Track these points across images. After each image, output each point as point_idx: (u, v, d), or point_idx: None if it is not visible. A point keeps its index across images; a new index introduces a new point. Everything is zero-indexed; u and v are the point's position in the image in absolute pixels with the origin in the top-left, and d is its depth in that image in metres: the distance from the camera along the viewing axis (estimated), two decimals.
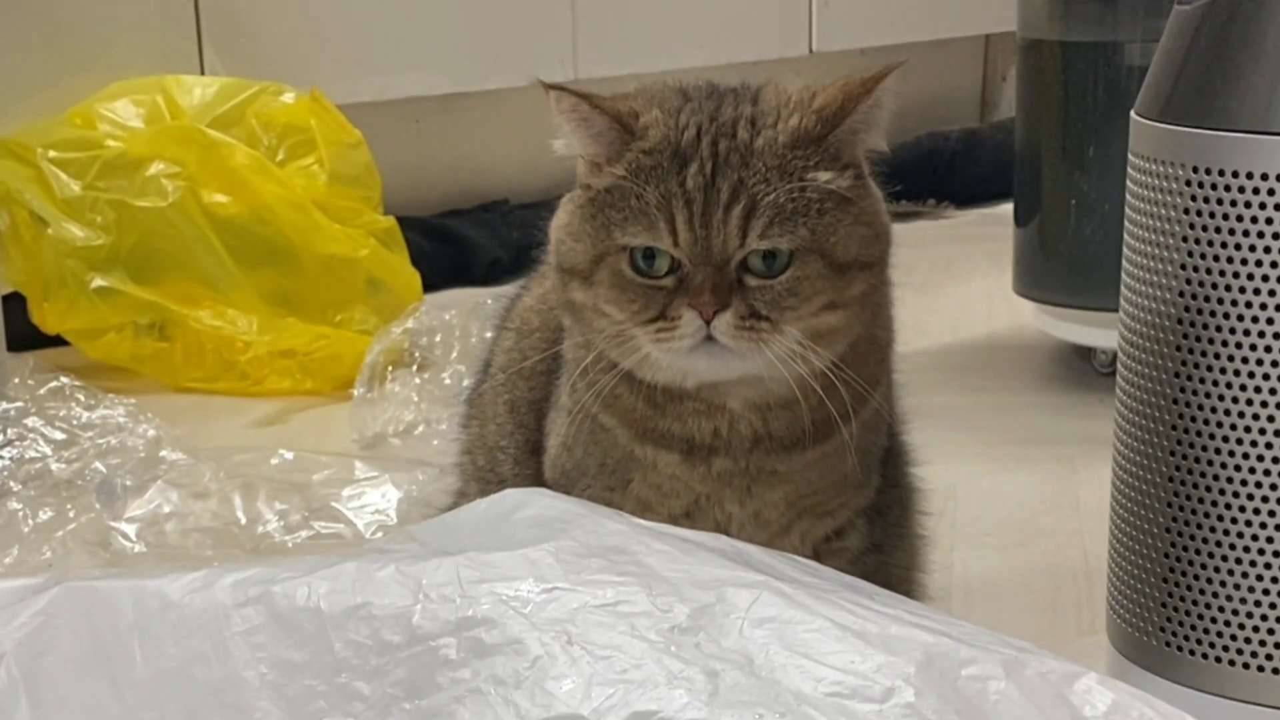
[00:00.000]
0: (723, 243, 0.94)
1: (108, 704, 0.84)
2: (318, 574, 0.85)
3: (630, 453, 1.03)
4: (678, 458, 1.02)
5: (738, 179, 0.94)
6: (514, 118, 2.68)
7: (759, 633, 0.79)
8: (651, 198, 0.94)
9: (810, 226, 0.95)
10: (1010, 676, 0.77)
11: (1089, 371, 1.99)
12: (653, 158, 0.96)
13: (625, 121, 0.97)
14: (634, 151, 0.96)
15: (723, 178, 0.94)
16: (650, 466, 1.03)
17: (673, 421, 1.01)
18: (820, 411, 1.00)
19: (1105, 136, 1.84)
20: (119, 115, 2.10)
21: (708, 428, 1.01)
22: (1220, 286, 1.00)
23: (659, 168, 0.95)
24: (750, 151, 0.95)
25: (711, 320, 0.93)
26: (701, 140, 0.95)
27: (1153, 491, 1.06)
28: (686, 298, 0.94)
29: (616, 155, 0.97)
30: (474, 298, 2.11)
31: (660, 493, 1.03)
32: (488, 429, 1.17)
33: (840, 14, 2.98)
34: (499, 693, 0.78)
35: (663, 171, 0.95)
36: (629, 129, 0.97)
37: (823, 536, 1.06)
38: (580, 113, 0.97)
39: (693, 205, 0.94)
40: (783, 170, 0.95)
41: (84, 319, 2.03)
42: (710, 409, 1.00)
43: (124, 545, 1.49)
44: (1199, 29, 1.02)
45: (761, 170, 0.94)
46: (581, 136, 0.97)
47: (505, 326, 1.20)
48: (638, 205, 0.95)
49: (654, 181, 0.95)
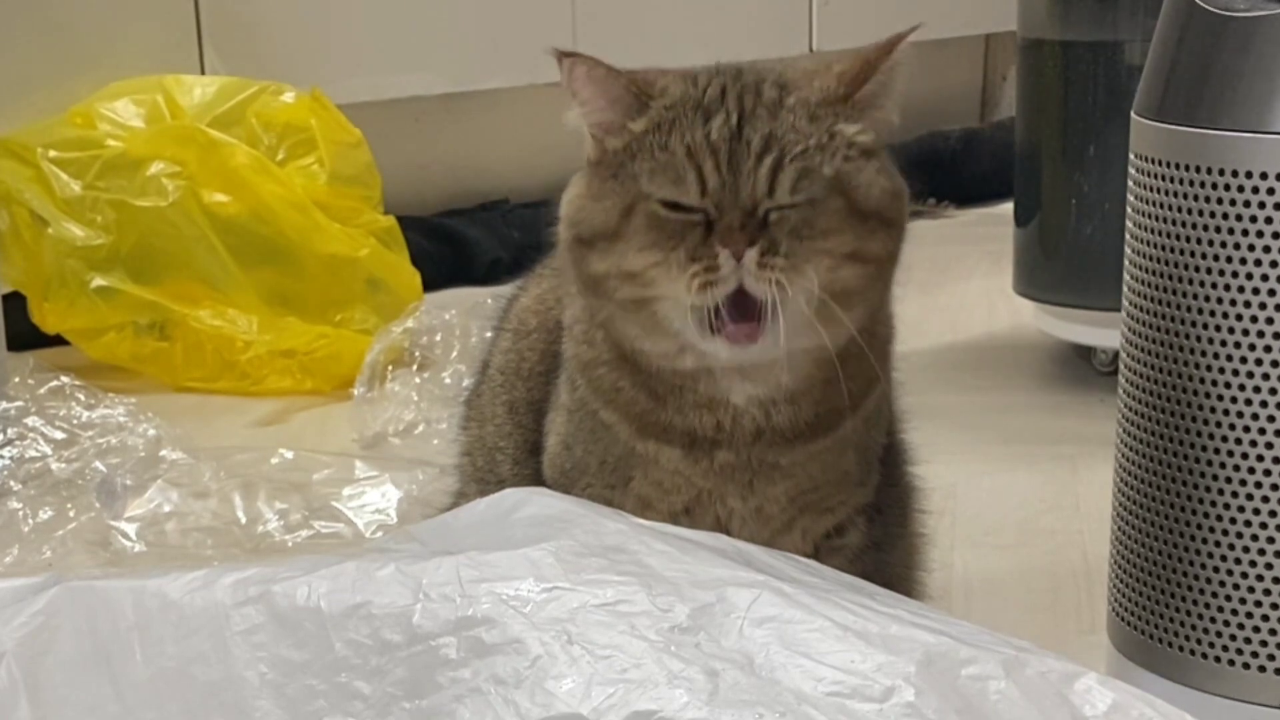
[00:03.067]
0: (751, 190, 0.94)
1: (108, 703, 0.84)
2: (318, 573, 0.85)
3: (631, 449, 1.03)
4: (679, 452, 1.02)
5: (768, 131, 0.95)
6: (514, 118, 2.68)
7: (759, 632, 0.79)
8: (678, 148, 0.95)
9: (834, 168, 0.95)
10: (1010, 676, 0.77)
11: (1089, 371, 1.99)
12: (674, 110, 0.96)
13: (641, 85, 0.97)
14: (655, 108, 0.96)
15: (751, 129, 0.94)
16: (651, 462, 1.03)
17: (674, 415, 1.01)
18: (821, 405, 1.00)
19: (1105, 136, 1.84)
20: (119, 115, 2.10)
21: (710, 421, 1.01)
22: (1221, 286, 1.00)
23: (682, 119, 0.96)
24: (780, 106, 0.96)
25: (742, 258, 0.93)
26: (727, 95, 0.96)
27: (1154, 491, 1.06)
28: (719, 236, 0.94)
29: (633, 116, 0.97)
30: (474, 297, 2.11)
31: (661, 489, 1.03)
32: (486, 430, 1.17)
33: (840, 13, 2.98)
34: (499, 692, 0.78)
35: (687, 123, 0.95)
36: (646, 91, 0.97)
37: (823, 533, 1.06)
38: (596, 76, 0.97)
39: (718, 154, 0.94)
40: (811, 123, 0.96)
41: (84, 319, 2.03)
42: (712, 402, 1.00)
43: (124, 545, 1.49)
44: (1197, 28, 1.02)
45: (790, 122, 0.95)
46: (599, 102, 0.97)
47: (503, 328, 1.20)
48: (664, 157, 0.95)
49: (679, 132, 0.95)
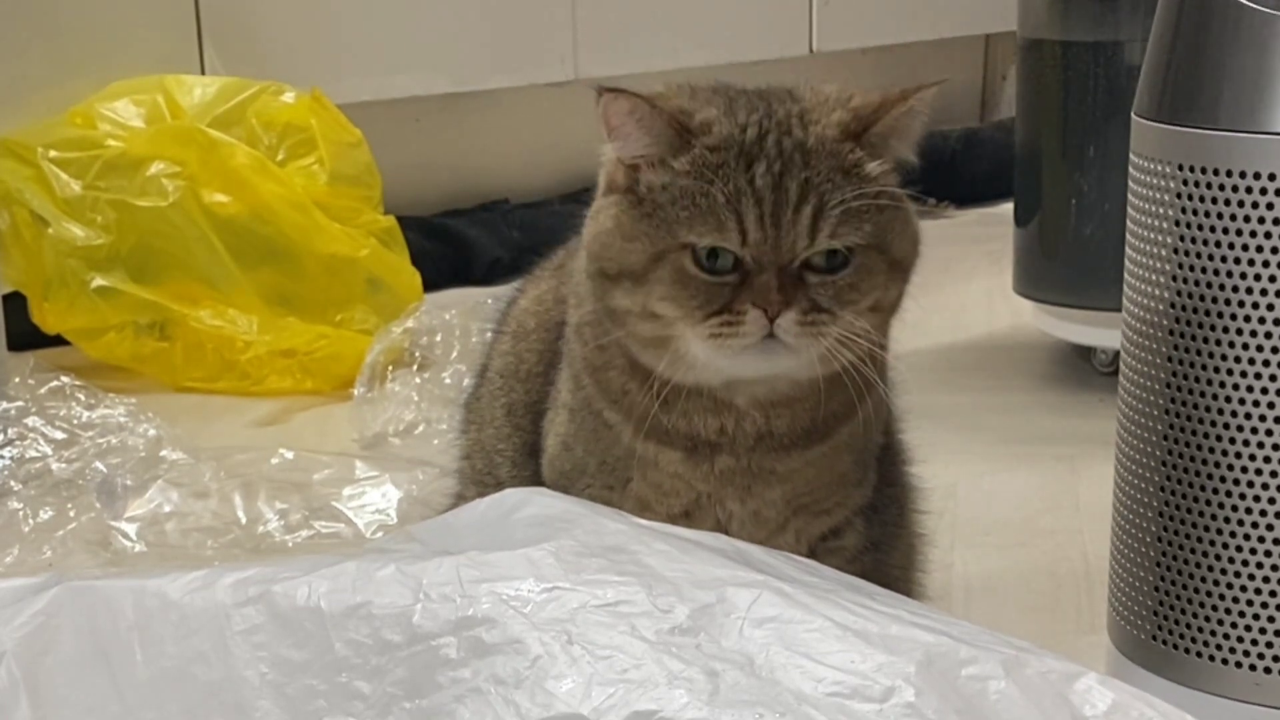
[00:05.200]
0: (792, 242, 0.94)
1: (108, 703, 0.84)
2: (318, 573, 0.85)
3: (632, 450, 1.03)
4: (680, 455, 1.02)
5: (804, 178, 0.94)
6: (514, 118, 2.68)
7: (759, 632, 0.79)
8: (719, 196, 0.94)
9: (873, 222, 0.95)
10: (1010, 676, 0.77)
11: (1089, 371, 1.99)
12: (718, 155, 0.95)
13: (683, 120, 0.96)
14: (698, 148, 0.95)
15: (790, 176, 0.94)
16: (651, 464, 1.02)
17: (678, 418, 1.01)
18: (822, 410, 1.01)
19: (1105, 136, 1.84)
20: (119, 115, 2.10)
21: (714, 425, 1.01)
22: (1220, 286, 1.00)
23: (725, 165, 0.94)
24: (808, 149, 0.95)
25: (776, 319, 0.93)
26: (766, 138, 0.95)
27: (1154, 491, 1.06)
28: (750, 295, 0.93)
29: (674, 153, 0.96)
30: (474, 297, 2.12)
31: (660, 491, 1.03)
32: (485, 433, 1.17)
33: (840, 14, 2.98)
34: (499, 692, 0.78)
35: (730, 169, 0.94)
36: (687, 127, 0.96)
37: (819, 535, 1.06)
38: (639, 113, 0.96)
39: (763, 204, 0.93)
40: (843, 168, 0.95)
41: (84, 318, 2.03)
42: (718, 406, 1.00)
43: (124, 545, 1.49)
44: (1196, 27, 1.02)
45: (825, 170, 0.94)
46: (640, 138, 0.96)
47: (501, 330, 1.20)
48: (705, 204, 0.94)
49: (721, 179, 0.94)
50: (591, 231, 0.99)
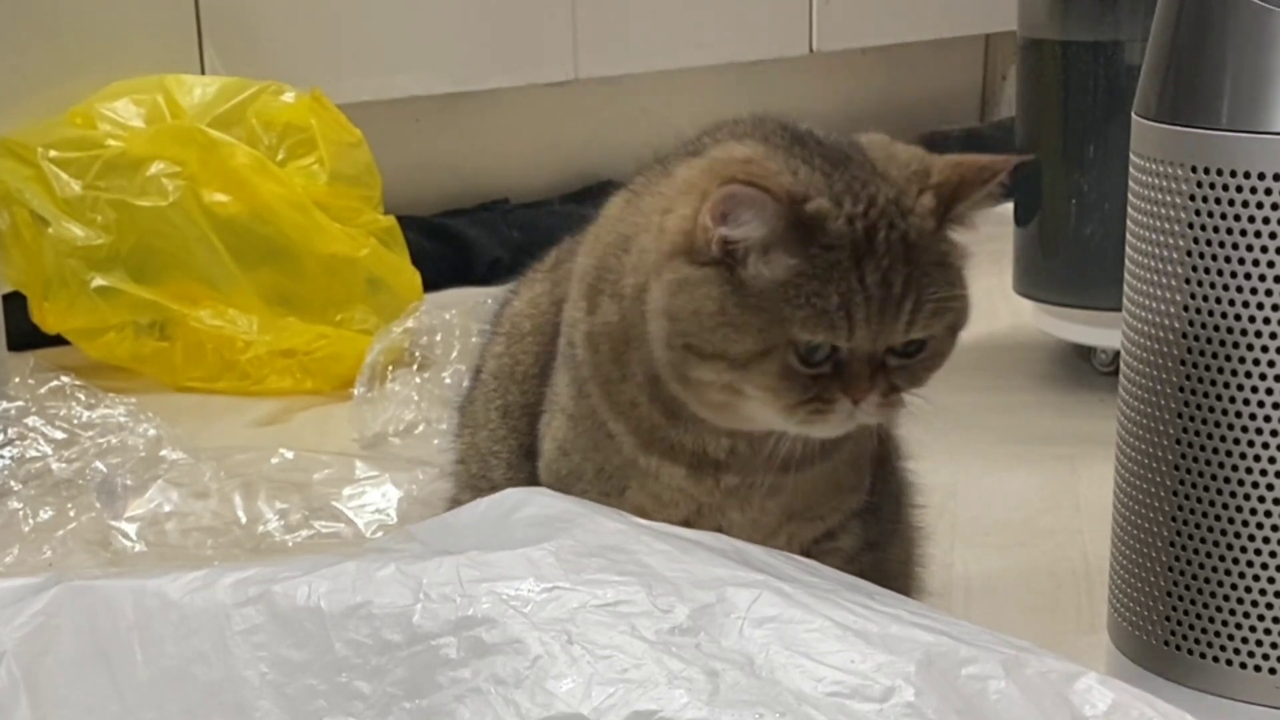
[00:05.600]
0: (889, 335, 0.94)
1: (108, 703, 0.84)
2: (318, 573, 0.85)
3: (633, 461, 1.02)
4: (684, 470, 1.01)
5: (907, 275, 0.94)
6: (514, 118, 2.68)
7: (759, 632, 0.79)
8: (834, 297, 0.92)
9: (955, 309, 0.97)
10: (1010, 676, 0.77)
11: (1089, 371, 1.99)
12: (834, 254, 0.93)
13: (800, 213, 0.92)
14: (815, 246, 0.92)
15: (895, 273, 0.93)
16: (652, 477, 1.02)
17: (685, 435, 1.00)
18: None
19: (1105, 136, 1.84)
20: (119, 115, 2.10)
21: (725, 445, 1.00)
22: (1221, 286, 1.00)
23: (840, 265, 0.93)
24: (910, 243, 0.94)
25: (860, 402, 0.94)
26: (876, 234, 0.93)
27: (1155, 491, 1.06)
28: (842, 385, 0.94)
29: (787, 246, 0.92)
30: (474, 297, 2.11)
31: (659, 502, 1.02)
32: (480, 435, 1.16)
33: (840, 13, 2.98)
34: (499, 692, 0.78)
35: (844, 268, 0.93)
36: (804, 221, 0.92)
37: (812, 539, 1.06)
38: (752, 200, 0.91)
39: (871, 304, 0.93)
40: (937, 261, 0.95)
41: (84, 318, 2.03)
42: (733, 430, 1.00)
43: (124, 545, 1.49)
44: (1196, 25, 1.02)
45: (924, 264, 0.94)
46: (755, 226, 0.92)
47: (495, 332, 1.19)
48: (820, 304, 0.92)
49: (837, 279, 0.92)
50: (684, 307, 0.94)
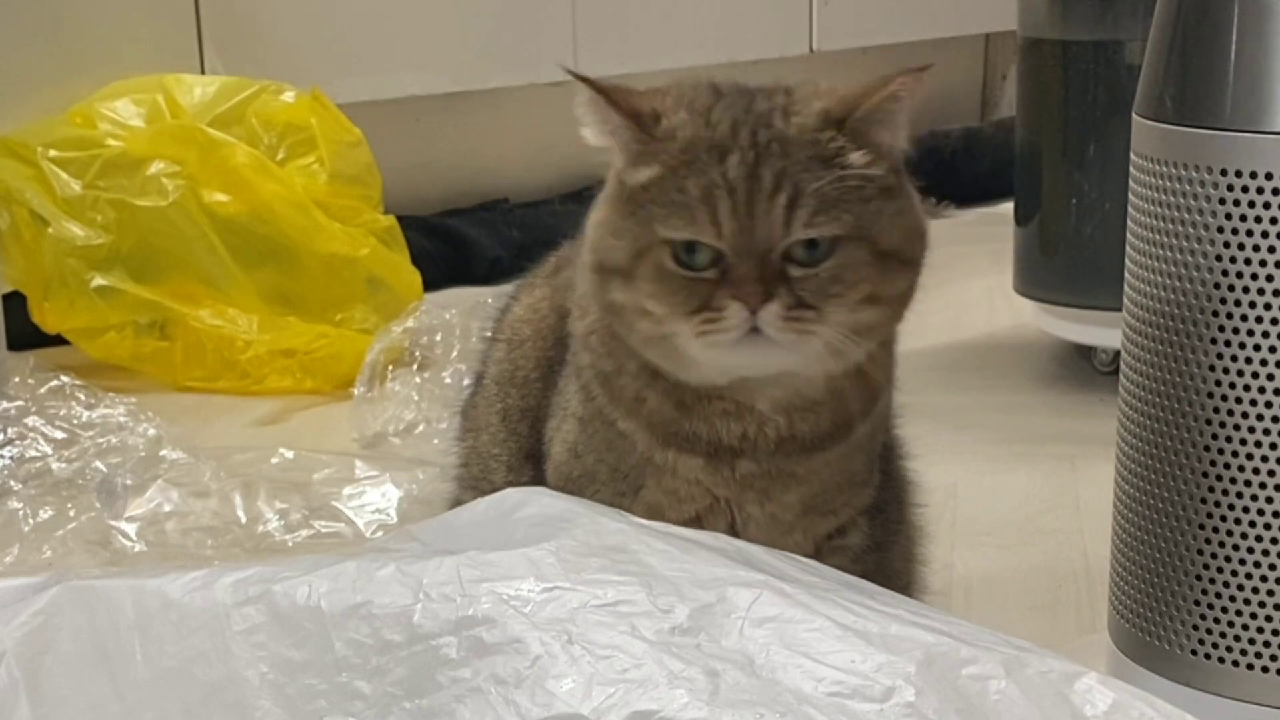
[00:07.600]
0: (767, 232, 0.92)
1: (108, 703, 0.84)
2: (318, 573, 0.85)
3: (649, 458, 1.02)
4: (701, 461, 1.01)
5: (780, 168, 0.93)
6: (514, 117, 2.68)
7: (759, 632, 0.79)
8: (693, 189, 0.93)
9: (854, 212, 0.94)
10: (1011, 676, 0.77)
11: (1089, 371, 1.99)
12: (690, 152, 0.94)
13: (644, 121, 0.95)
14: (669, 146, 0.94)
15: (765, 166, 0.93)
16: (669, 471, 1.02)
17: (699, 424, 1.00)
18: (840, 412, 1.00)
19: (1105, 136, 1.84)
20: (119, 114, 2.10)
21: (736, 429, 1.00)
22: (1222, 286, 1.00)
23: (698, 160, 0.94)
24: (787, 139, 0.94)
25: (757, 311, 0.92)
26: (739, 131, 0.94)
27: (1155, 490, 1.06)
28: (730, 289, 0.92)
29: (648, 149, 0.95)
30: (474, 297, 2.11)
31: (676, 498, 1.02)
32: (481, 439, 1.17)
33: (841, 13, 2.98)
34: (499, 692, 0.78)
35: (702, 163, 0.93)
36: (648, 129, 0.95)
37: (825, 534, 1.06)
38: (597, 107, 0.96)
39: (735, 195, 0.92)
40: (821, 157, 0.94)
41: (84, 318, 2.03)
42: (739, 409, 0.99)
43: (124, 544, 1.49)
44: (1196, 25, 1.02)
45: (802, 159, 0.93)
46: (601, 131, 0.96)
47: (496, 337, 1.19)
48: (679, 198, 0.93)
49: (694, 173, 0.93)
50: (589, 223, 0.99)
